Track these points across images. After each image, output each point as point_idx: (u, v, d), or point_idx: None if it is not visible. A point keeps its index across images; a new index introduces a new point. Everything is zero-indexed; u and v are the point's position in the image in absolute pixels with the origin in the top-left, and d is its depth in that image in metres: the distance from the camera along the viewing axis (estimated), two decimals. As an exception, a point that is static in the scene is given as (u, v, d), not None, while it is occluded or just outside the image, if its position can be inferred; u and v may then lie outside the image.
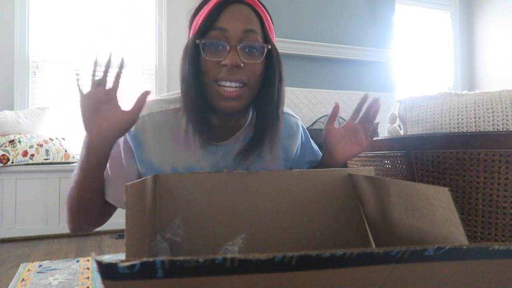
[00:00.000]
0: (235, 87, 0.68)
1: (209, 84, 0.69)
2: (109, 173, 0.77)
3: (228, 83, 0.68)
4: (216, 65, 0.68)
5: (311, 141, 0.94)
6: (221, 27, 0.67)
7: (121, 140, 0.77)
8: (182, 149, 0.77)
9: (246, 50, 0.68)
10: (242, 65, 0.67)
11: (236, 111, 0.71)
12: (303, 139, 0.90)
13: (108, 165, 0.76)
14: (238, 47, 0.67)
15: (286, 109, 0.88)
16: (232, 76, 0.67)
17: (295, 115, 0.89)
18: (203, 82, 0.70)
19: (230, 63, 0.66)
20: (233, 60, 0.66)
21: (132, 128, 0.75)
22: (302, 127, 0.90)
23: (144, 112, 0.75)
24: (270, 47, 0.71)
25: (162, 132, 0.76)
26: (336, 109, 0.81)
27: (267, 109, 0.74)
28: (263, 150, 0.79)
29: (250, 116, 0.80)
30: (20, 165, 2.30)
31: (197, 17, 0.73)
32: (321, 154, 0.94)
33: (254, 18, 0.70)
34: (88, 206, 0.73)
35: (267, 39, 0.72)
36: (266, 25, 0.72)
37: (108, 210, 0.78)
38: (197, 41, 0.68)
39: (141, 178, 0.77)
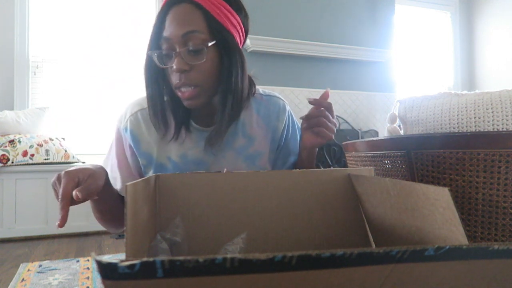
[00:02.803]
0: (189, 88, 0.73)
1: (173, 88, 0.76)
2: (117, 172, 0.82)
3: (183, 88, 0.73)
4: (171, 71, 0.73)
5: (298, 131, 0.94)
6: (165, 36, 0.72)
7: (122, 139, 0.82)
8: (174, 138, 0.81)
9: (191, 52, 0.71)
10: (188, 68, 0.71)
11: (198, 107, 0.77)
12: (291, 122, 0.92)
13: (116, 165, 0.83)
14: (181, 52, 0.71)
15: (274, 92, 0.92)
16: (182, 80, 0.72)
17: (282, 98, 0.92)
18: (167, 88, 0.77)
19: (177, 69, 0.71)
20: (178, 65, 0.71)
21: (128, 126, 0.80)
22: (290, 112, 0.93)
23: (136, 108, 0.81)
24: (214, 42, 0.72)
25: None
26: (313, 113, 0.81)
27: (222, 98, 0.78)
28: (247, 132, 0.84)
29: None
30: (20, 165, 2.30)
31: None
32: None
33: (194, 16, 0.71)
34: (115, 213, 0.79)
35: (214, 32, 0.72)
36: (213, 14, 0.72)
37: None
38: (148, 53, 0.74)
39: (143, 170, 0.82)
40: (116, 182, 0.82)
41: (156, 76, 0.76)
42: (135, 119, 0.80)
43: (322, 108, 0.79)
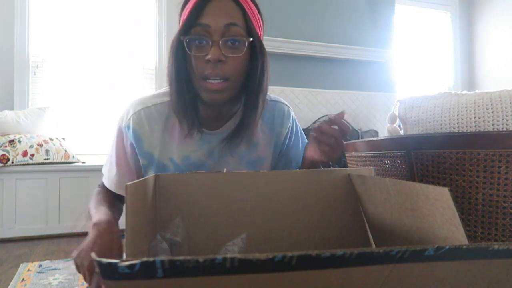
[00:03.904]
0: (219, 80, 0.71)
1: (196, 79, 0.73)
2: (115, 169, 0.81)
3: (212, 79, 0.71)
4: (201, 60, 0.71)
5: (300, 139, 0.94)
6: (204, 23, 0.70)
7: (122, 137, 0.81)
8: (178, 140, 0.80)
9: (229, 43, 0.71)
10: (224, 59, 0.70)
11: (220, 103, 0.75)
12: (294, 129, 0.91)
13: (114, 162, 0.81)
14: (220, 42, 0.70)
15: (279, 97, 0.91)
16: (215, 71, 0.70)
17: (287, 104, 0.91)
18: (190, 76, 0.74)
19: (213, 58, 0.69)
20: (215, 55, 0.69)
21: (131, 124, 0.79)
22: (294, 118, 0.92)
23: (139, 107, 0.79)
24: (251, 39, 0.73)
25: (157, 124, 0.79)
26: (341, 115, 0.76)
27: (250, 98, 0.77)
28: (253, 137, 0.83)
29: (242, 103, 0.83)
30: (20, 165, 2.30)
31: (183, 11, 0.75)
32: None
33: (236, 12, 0.72)
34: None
35: (250, 32, 0.74)
36: (250, 17, 0.74)
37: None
38: (181, 38, 0.71)
39: (143, 169, 0.81)
40: (114, 180, 0.81)
41: (183, 64, 0.74)
42: (138, 117, 0.78)
43: (336, 127, 0.74)
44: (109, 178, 0.82)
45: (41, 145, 2.40)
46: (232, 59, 0.71)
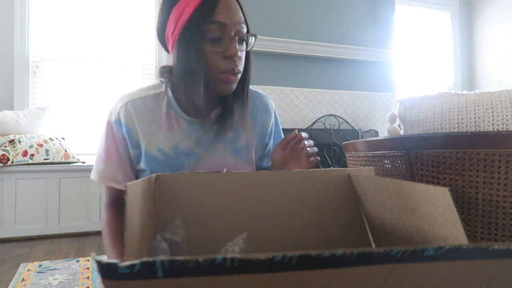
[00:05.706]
0: (236, 73, 0.78)
1: (211, 73, 0.78)
2: (104, 158, 0.83)
3: (232, 73, 0.77)
4: (217, 55, 0.76)
5: (281, 134, 1.01)
6: (221, 21, 0.75)
7: (113, 131, 0.83)
8: (166, 130, 0.83)
9: (241, 40, 0.78)
10: (240, 54, 0.77)
11: (229, 92, 0.81)
12: (277, 122, 0.99)
13: (103, 152, 0.83)
14: (236, 39, 0.77)
15: (262, 91, 0.97)
16: (235, 66, 0.77)
17: (269, 97, 0.98)
18: (204, 70, 0.78)
19: (233, 54, 0.75)
20: (235, 51, 0.75)
21: (120, 117, 0.81)
22: (276, 114, 0.99)
23: (126, 99, 0.83)
24: (255, 35, 0.81)
25: (144, 116, 0.82)
26: (292, 136, 0.86)
27: (239, 87, 0.84)
28: (238, 125, 0.87)
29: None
30: (20, 165, 2.30)
31: (182, 3, 0.75)
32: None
33: (239, 9, 0.78)
34: None
35: (248, 27, 0.81)
36: (244, 12, 0.80)
37: None
38: (197, 34, 0.75)
39: (135, 161, 0.83)
40: (104, 173, 0.83)
41: (200, 59, 0.77)
42: (125, 110, 0.81)
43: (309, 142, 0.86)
44: (98, 173, 0.84)
45: (41, 145, 2.40)
46: (242, 54, 0.79)
